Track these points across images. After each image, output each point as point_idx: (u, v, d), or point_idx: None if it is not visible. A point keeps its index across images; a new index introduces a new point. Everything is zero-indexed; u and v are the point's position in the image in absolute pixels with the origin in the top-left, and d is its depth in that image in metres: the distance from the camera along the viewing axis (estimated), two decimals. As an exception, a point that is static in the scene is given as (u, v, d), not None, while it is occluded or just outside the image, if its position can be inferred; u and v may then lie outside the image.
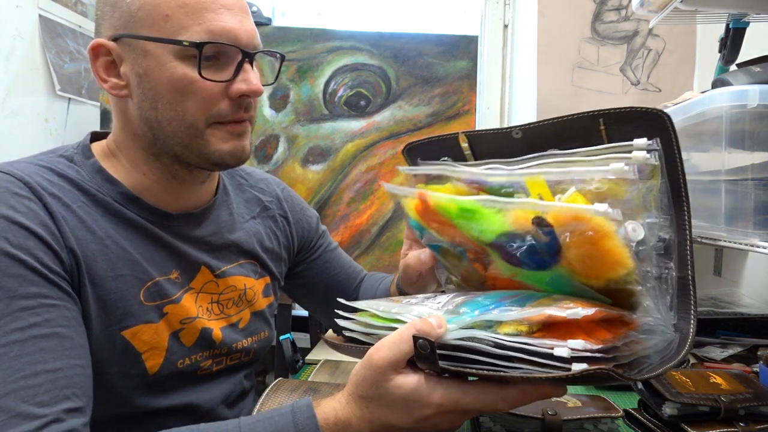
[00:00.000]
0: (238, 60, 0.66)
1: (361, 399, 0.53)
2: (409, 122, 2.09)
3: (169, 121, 0.65)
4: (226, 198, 0.81)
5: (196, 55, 0.63)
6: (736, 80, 0.81)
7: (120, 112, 0.69)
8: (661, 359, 0.50)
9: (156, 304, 0.68)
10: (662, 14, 1.06)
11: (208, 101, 0.65)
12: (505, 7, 1.92)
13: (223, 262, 0.77)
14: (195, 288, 0.73)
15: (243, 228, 0.82)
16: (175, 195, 0.72)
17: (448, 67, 2.08)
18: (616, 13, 1.88)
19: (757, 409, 0.70)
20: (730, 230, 0.80)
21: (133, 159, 0.70)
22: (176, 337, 0.70)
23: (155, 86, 0.64)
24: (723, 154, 0.81)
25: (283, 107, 2.09)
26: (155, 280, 0.68)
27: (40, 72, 1.54)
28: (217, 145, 0.67)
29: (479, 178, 0.61)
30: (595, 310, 0.48)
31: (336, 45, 2.08)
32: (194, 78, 0.64)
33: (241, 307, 0.79)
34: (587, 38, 1.88)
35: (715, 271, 1.59)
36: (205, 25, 0.63)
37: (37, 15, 1.53)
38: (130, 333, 0.65)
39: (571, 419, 0.69)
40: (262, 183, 0.90)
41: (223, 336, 0.75)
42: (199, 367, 0.73)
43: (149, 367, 0.67)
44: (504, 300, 0.54)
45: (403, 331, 0.51)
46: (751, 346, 1.06)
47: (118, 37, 0.65)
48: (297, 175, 2.10)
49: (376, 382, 0.51)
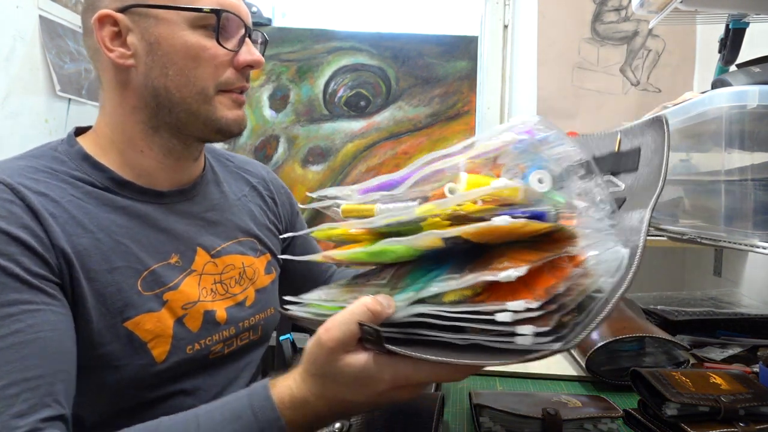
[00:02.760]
0: (241, 34, 0.72)
1: (315, 377, 0.53)
2: (409, 122, 2.09)
3: (179, 88, 0.69)
4: (215, 176, 0.83)
5: (207, 25, 0.69)
6: (736, 80, 0.81)
7: (119, 84, 0.70)
8: (612, 287, 0.47)
9: (155, 293, 0.68)
10: (662, 15, 1.06)
11: (218, 68, 0.70)
12: (505, 7, 1.92)
13: (219, 240, 0.77)
14: (197, 270, 0.73)
15: (236, 205, 0.83)
16: (169, 172, 0.74)
17: (448, 67, 2.08)
18: (616, 13, 1.88)
19: (757, 409, 0.70)
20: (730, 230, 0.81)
21: (130, 136, 0.71)
22: (181, 323, 0.69)
23: (168, 53, 0.68)
24: (723, 155, 0.81)
25: (283, 108, 2.09)
26: (151, 268, 0.68)
27: (40, 72, 1.54)
28: (223, 112, 0.71)
29: (371, 226, 0.56)
30: (527, 267, 0.45)
31: (336, 45, 2.08)
32: (206, 45, 0.69)
33: (244, 285, 0.79)
34: (587, 38, 1.88)
35: (715, 272, 1.59)
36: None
37: (37, 15, 1.53)
38: (132, 324, 0.65)
39: (571, 419, 0.69)
40: (248, 165, 0.92)
41: (228, 315, 0.75)
42: (210, 351, 0.73)
43: (156, 355, 0.67)
44: (446, 261, 0.53)
45: (354, 310, 0.50)
46: (751, 347, 1.05)
47: (126, 8, 0.67)
48: (297, 176, 2.10)
49: (327, 361, 0.51)
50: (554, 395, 0.76)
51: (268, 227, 0.87)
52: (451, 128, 2.09)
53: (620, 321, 0.95)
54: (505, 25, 1.92)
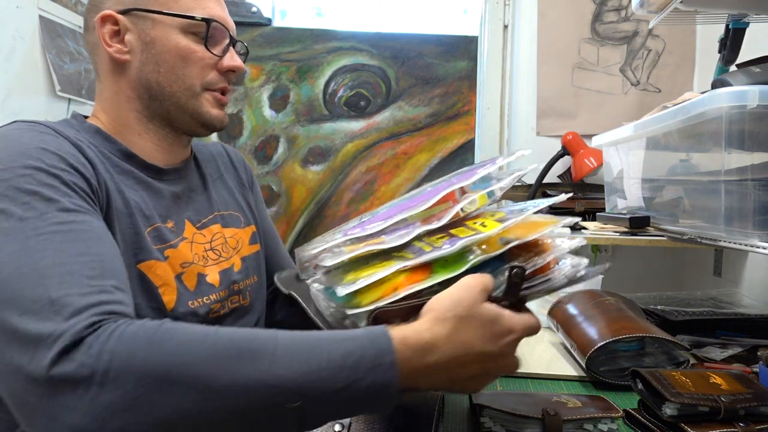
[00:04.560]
0: (226, 42, 0.81)
1: (453, 319, 0.53)
2: (409, 122, 2.09)
3: (169, 83, 0.77)
4: (197, 160, 0.90)
5: (198, 32, 0.78)
6: (735, 81, 0.81)
7: (115, 76, 0.78)
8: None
9: (159, 247, 0.73)
10: (662, 15, 1.06)
11: (204, 69, 0.79)
12: (505, 7, 1.92)
13: (202, 215, 0.83)
14: (188, 238, 0.79)
15: (214, 186, 0.89)
16: (164, 153, 0.81)
17: (448, 67, 2.08)
18: (615, 13, 1.88)
19: (757, 409, 0.70)
20: (730, 230, 0.81)
21: (126, 121, 0.78)
22: (180, 279, 0.74)
23: (161, 52, 0.76)
24: (723, 155, 0.81)
25: (283, 108, 2.09)
26: (156, 225, 0.74)
27: (40, 72, 1.54)
28: (207, 108, 0.80)
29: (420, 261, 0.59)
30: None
31: (336, 45, 2.08)
32: (195, 49, 0.78)
33: (230, 253, 0.84)
34: (587, 39, 1.88)
35: (715, 272, 1.59)
36: (207, 10, 0.79)
37: (37, 15, 1.53)
38: (145, 266, 0.70)
39: (571, 419, 0.69)
40: (210, 147, 0.97)
41: (220, 279, 0.80)
42: (210, 309, 0.77)
43: (166, 302, 0.71)
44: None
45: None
46: (751, 347, 1.05)
47: (127, 10, 0.76)
48: (297, 176, 2.10)
49: (473, 303, 0.54)
50: (554, 395, 0.76)
51: (248, 202, 0.94)
52: (451, 128, 2.09)
53: (620, 321, 0.95)
54: (505, 25, 1.92)
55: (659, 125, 1.01)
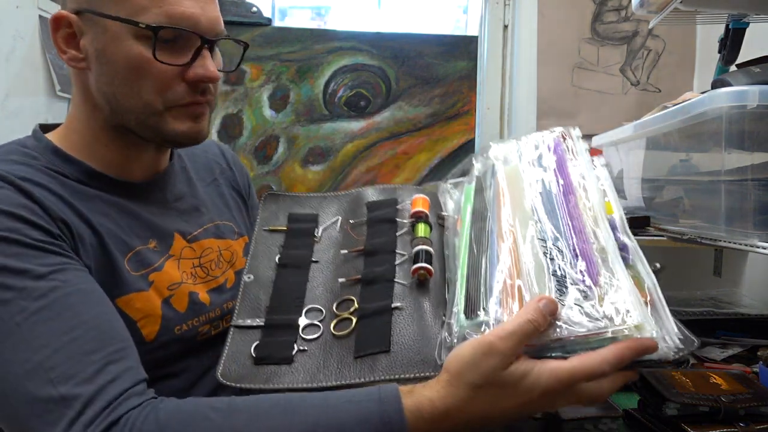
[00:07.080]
0: (197, 45, 0.67)
1: (472, 385, 0.50)
2: (409, 122, 2.09)
3: (126, 97, 0.67)
4: (182, 163, 0.83)
5: (152, 38, 0.63)
6: (735, 81, 0.80)
7: (80, 83, 0.71)
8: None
9: (141, 273, 0.68)
10: (662, 15, 1.06)
11: (164, 83, 0.66)
12: (505, 7, 1.92)
13: (193, 227, 0.78)
14: (175, 255, 0.74)
15: (207, 192, 0.83)
16: (137, 162, 0.74)
17: (448, 67, 2.08)
18: (615, 13, 1.88)
19: (757, 409, 0.70)
20: (729, 230, 0.80)
21: (94, 131, 0.71)
22: (168, 303, 0.70)
23: (111, 62, 0.65)
24: (723, 155, 0.81)
25: (283, 108, 2.09)
26: (136, 249, 0.69)
27: (40, 72, 1.54)
28: (173, 125, 0.69)
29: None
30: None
31: (336, 45, 2.08)
32: (150, 59, 0.64)
33: (223, 268, 0.79)
34: (587, 39, 1.88)
35: (715, 272, 1.59)
36: (165, 9, 0.63)
37: (37, 15, 1.53)
38: (123, 302, 0.66)
39: (571, 419, 0.69)
40: (206, 147, 0.91)
41: (210, 299, 0.75)
42: (198, 333, 0.73)
43: (145, 334, 0.67)
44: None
45: (527, 316, 0.51)
46: (751, 347, 1.05)
47: (80, 11, 0.66)
48: (297, 176, 2.10)
49: (499, 368, 0.50)
50: (554, 395, 0.76)
51: (240, 211, 0.89)
52: (451, 128, 2.09)
53: (620, 321, 0.95)
54: (505, 26, 1.92)
55: (659, 125, 1.01)
